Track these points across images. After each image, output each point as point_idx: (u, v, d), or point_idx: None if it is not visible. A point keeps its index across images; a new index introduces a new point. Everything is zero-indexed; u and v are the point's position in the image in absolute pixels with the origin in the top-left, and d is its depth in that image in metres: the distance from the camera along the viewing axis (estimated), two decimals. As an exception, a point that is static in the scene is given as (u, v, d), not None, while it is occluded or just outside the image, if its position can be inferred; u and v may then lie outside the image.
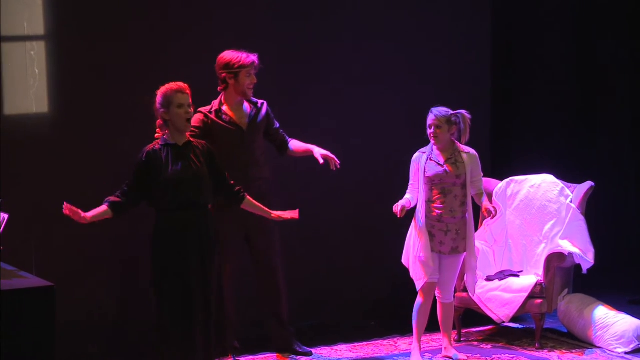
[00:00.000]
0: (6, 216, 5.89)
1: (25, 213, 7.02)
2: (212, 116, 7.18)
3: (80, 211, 6.16)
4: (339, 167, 7.30)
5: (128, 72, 7.47)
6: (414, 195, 7.17)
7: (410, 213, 7.20)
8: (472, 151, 7.21)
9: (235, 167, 7.06)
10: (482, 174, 7.21)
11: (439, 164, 7.12)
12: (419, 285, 7.17)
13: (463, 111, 7.16)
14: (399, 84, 8.34)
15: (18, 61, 7.20)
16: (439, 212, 7.11)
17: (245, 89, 7.20)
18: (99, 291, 7.44)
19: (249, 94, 7.23)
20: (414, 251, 7.13)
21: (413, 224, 7.20)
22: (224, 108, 7.23)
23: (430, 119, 7.13)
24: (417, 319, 7.23)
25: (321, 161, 7.26)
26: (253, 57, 7.17)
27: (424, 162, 7.13)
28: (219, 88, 7.23)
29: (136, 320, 7.46)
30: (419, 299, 7.21)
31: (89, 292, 7.40)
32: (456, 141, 7.18)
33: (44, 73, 7.26)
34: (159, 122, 6.33)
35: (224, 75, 7.18)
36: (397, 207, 6.99)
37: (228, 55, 7.18)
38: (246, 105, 7.31)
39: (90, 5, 7.38)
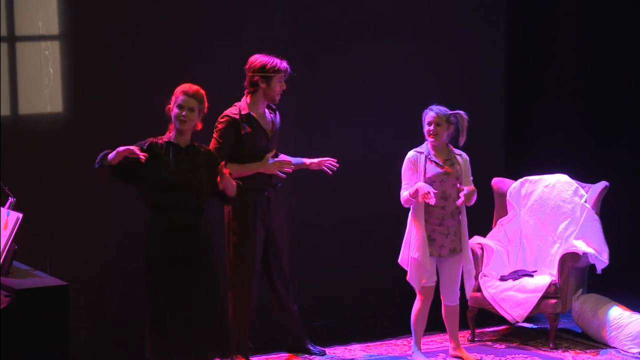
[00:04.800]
0: (20, 215, 5.91)
1: (40, 212, 7.04)
2: (240, 120, 7.14)
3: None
4: (336, 167, 7.29)
5: (142, 72, 7.48)
6: None
7: (403, 222, 7.18)
8: (465, 154, 7.20)
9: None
10: (471, 178, 7.21)
11: (439, 165, 7.09)
12: (416, 288, 7.16)
13: (461, 112, 7.13)
14: (412, 82, 8.32)
15: (33, 61, 7.22)
16: (441, 215, 7.07)
17: (275, 94, 7.15)
18: (112, 290, 7.45)
19: (277, 100, 7.20)
20: (410, 252, 7.11)
21: (410, 226, 7.14)
22: (252, 113, 7.19)
23: (430, 116, 7.08)
24: (416, 322, 7.22)
25: (311, 163, 7.30)
26: (286, 64, 7.14)
27: (424, 163, 7.10)
28: (246, 90, 7.18)
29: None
30: (417, 303, 7.20)
31: (102, 291, 7.41)
32: (449, 144, 7.15)
33: (59, 72, 7.28)
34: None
35: (256, 78, 7.13)
36: (427, 195, 6.88)
37: (263, 58, 7.12)
38: (266, 110, 7.29)
39: (104, 5, 7.39)
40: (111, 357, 7.42)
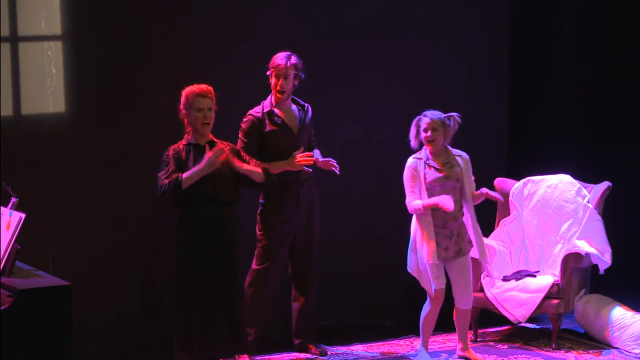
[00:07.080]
0: (23, 215, 5.91)
1: (42, 212, 7.04)
2: (263, 118, 7.14)
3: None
4: (338, 172, 7.28)
5: (144, 72, 7.48)
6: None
7: (407, 222, 7.15)
8: (465, 154, 7.18)
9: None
10: (472, 177, 7.19)
11: (437, 169, 7.06)
12: (430, 293, 7.12)
13: (455, 114, 7.11)
14: (413, 82, 8.31)
15: (35, 61, 7.22)
16: (444, 218, 7.05)
17: (274, 90, 7.16)
18: (114, 290, 7.45)
19: (279, 97, 7.15)
20: (423, 259, 7.06)
21: (415, 232, 7.11)
22: (276, 110, 7.20)
23: (425, 122, 7.03)
24: (425, 324, 7.20)
25: (318, 160, 7.26)
26: (283, 61, 7.09)
27: (423, 168, 7.08)
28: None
29: (152, 320, 7.46)
30: (427, 306, 7.17)
31: (105, 291, 7.41)
32: (448, 146, 7.13)
33: (61, 73, 7.28)
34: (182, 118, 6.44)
35: (267, 73, 7.19)
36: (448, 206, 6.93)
37: (276, 55, 7.16)
38: (294, 107, 7.28)
39: (107, 5, 7.39)
40: (113, 357, 7.42)
